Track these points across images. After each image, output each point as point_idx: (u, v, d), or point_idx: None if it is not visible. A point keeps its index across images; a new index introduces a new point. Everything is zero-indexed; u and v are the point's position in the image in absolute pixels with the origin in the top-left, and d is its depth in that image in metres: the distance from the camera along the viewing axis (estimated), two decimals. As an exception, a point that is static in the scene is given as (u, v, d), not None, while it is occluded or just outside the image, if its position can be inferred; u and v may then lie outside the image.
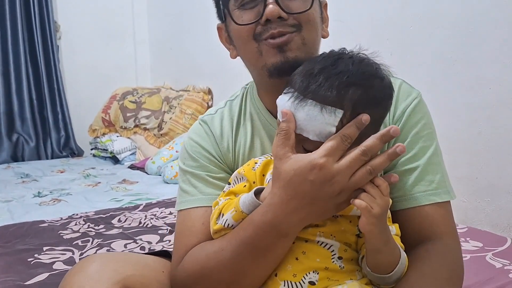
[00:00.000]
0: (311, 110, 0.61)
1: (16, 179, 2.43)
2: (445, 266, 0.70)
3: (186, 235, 0.77)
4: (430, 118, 0.81)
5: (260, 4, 0.70)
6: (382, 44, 1.84)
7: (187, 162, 0.82)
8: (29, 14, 3.12)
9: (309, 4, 0.72)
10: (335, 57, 0.65)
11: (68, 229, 1.56)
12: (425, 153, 0.76)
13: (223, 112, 0.85)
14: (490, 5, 1.49)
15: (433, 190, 0.74)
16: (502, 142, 1.50)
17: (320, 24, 0.76)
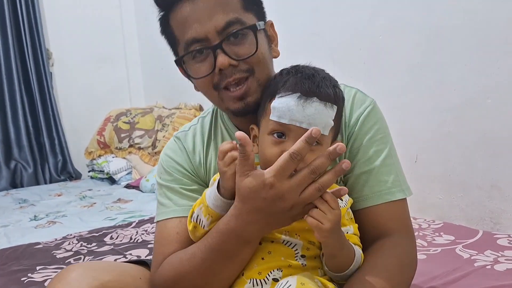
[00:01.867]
0: (319, 106, 0.69)
1: (14, 205, 2.50)
2: (396, 257, 0.76)
3: (162, 244, 0.84)
4: (384, 123, 0.87)
5: (210, 55, 0.75)
6: (356, 53, 1.93)
7: (162, 176, 0.89)
8: (21, 43, 3.22)
9: (254, 46, 0.76)
10: (306, 67, 0.76)
11: (61, 249, 1.62)
12: (379, 156, 0.82)
13: (195, 129, 0.92)
14: (449, 12, 1.58)
15: (387, 190, 0.81)
16: (470, 140, 1.57)
17: (269, 54, 0.82)
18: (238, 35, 0.76)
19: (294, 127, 0.69)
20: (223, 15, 0.74)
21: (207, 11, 0.74)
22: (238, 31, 0.75)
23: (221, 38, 0.75)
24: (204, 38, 0.75)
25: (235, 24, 0.75)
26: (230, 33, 0.75)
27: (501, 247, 1.30)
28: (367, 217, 0.80)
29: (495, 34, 1.46)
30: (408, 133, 1.77)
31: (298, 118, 0.68)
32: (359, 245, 0.74)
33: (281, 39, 2.40)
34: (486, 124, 1.52)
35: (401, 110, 1.79)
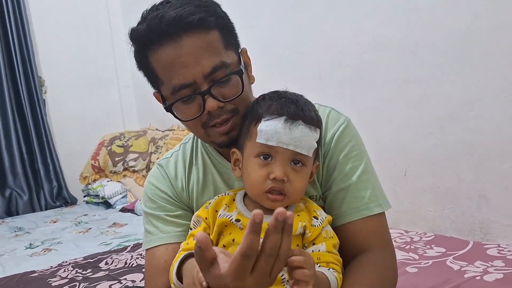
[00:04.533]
0: (305, 130, 0.72)
1: (10, 233, 2.50)
2: (375, 272, 0.78)
3: (152, 274, 0.86)
4: (358, 140, 0.88)
5: (198, 98, 0.77)
6: (342, 70, 1.97)
7: (147, 204, 0.91)
8: (14, 71, 3.25)
9: (240, 88, 0.78)
10: (287, 92, 0.79)
11: (56, 277, 1.63)
12: (355, 172, 0.84)
13: (177, 155, 0.94)
14: (428, 28, 1.62)
15: (365, 205, 0.82)
16: (456, 151, 1.60)
17: (250, 88, 0.85)
18: (225, 79, 0.78)
19: (281, 149, 0.71)
20: (208, 59, 0.75)
21: (193, 56, 0.75)
22: (224, 77, 0.76)
23: (208, 82, 0.76)
24: (192, 83, 0.76)
25: (221, 68, 0.76)
26: (217, 80, 0.76)
27: (490, 258, 1.32)
28: (347, 233, 0.82)
29: (473, 48, 1.50)
30: (396, 146, 1.80)
31: (285, 141, 0.71)
32: (334, 262, 0.74)
33: (270, 58, 2.46)
34: (471, 136, 1.55)
35: (388, 124, 1.82)
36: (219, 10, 0.81)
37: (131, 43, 0.80)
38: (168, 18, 0.74)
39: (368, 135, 1.87)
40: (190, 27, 0.74)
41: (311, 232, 0.75)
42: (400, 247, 1.51)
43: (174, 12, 0.74)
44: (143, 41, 0.78)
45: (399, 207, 1.82)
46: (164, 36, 0.75)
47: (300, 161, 0.73)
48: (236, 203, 0.77)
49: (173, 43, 0.75)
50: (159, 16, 0.74)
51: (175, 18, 0.74)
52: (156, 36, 0.75)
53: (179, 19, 0.74)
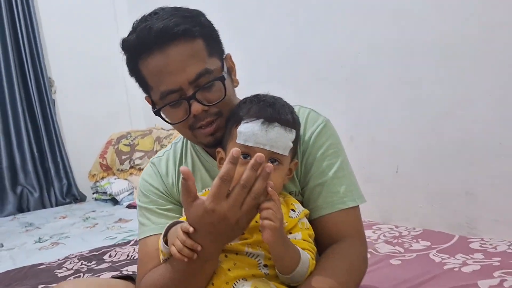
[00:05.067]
0: (280, 131, 0.78)
1: (20, 229, 2.61)
2: (344, 260, 0.84)
3: (144, 261, 0.93)
4: (335, 139, 0.95)
5: (185, 103, 0.83)
6: (338, 71, 2.04)
7: (141, 199, 0.99)
8: (24, 73, 3.37)
9: (223, 93, 0.84)
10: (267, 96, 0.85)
11: (63, 268, 1.72)
12: (331, 169, 0.91)
13: (169, 154, 1.02)
14: (419, 31, 1.68)
15: (339, 199, 0.89)
16: (446, 150, 1.65)
17: (233, 92, 0.92)
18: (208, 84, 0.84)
19: (259, 149, 0.78)
20: (193, 67, 0.82)
21: (179, 64, 0.81)
22: (208, 83, 0.83)
23: (194, 88, 0.82)
24: (178, 89, 0.82)
25: (205, 74, 0.82)
26: (202, 86, 0.83)
27: (472, 251, 1.37)
28: (322, 225, 0.89)
29: (463, 51, 1.55)
30: (389, 145, 1.86)
31: (262, 141, 0.78)
32: (309, 249, 0.82)
33: (270, 59, 2.54)
34: (459, 135, 1.60)
35: (382, 124, 1.88)
36: (203, 20, 0.88)
37: (123, 52, 0.87)
38: (155, 29, 0.81)
39: (363, 134, 1.96)
40: (176, 37, 0.81)
41: (288, 222, 0.82)
42: (388, 241, 1.57)
43: (161, 24, 0.81)
44: (133, 51, 0.85)
45: (391, 204, 1.88)
46: (152, 46, 0.81)
47: (277, 159, 0.80)
48: None
49: (161, 52, 0.81)
50: (147, 27, 0.81)
51: (162, 29, 0.80)
52: (145, 46, 0.82)
53: (166, 30, 0.80)
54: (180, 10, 0.85)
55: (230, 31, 2.66)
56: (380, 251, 1.48)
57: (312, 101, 2.27)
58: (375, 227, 1.75)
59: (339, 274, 0.81)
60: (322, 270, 0.81)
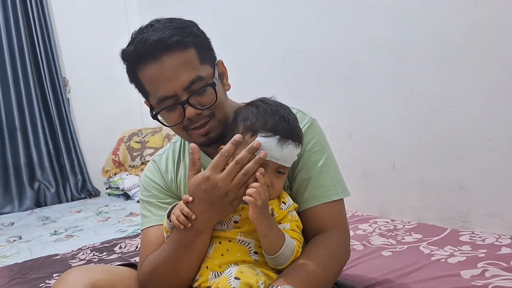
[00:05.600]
0: (292, 148, 0.87)
1: (38, 222, 2.74)
2: (326, 248, 0.93)
3: (145, 248, 1.03)
4: (321, 137, 1.03)
5: (179, 107, 0.91)
6: (336, 69, 2.10)
7: (143, 193, 1.08)
8: (40, 73, 3.50)
9: (214, 97, 0.92)
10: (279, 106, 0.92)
11: (76, 259, 1.83)
12: (316, 165, 0.99)
13: (168, 152, 1.11)
14: (411, 29, 1.73)
15: (323, 193, 0.97)
16: (439, 146, 1.71)
17: (224, 95, 0.99)
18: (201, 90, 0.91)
19: (271, 162, 0.86)
20: (186, 74, 0.89)
21: (173, 72, 0.89)
22: (200, 88, 0.91)
23: (187, 93, 0.90)
24: (173, 95, 0.90)
25: (197, 81, 0.90)
26: (194, 91, 0.90)
27: (460, 243, 1.43)
28: (308, 217, 0.97)
29: (452, 49, 1.60)
30: (386, 142, 1.92)
31: (276, 157, 0.86)
32: (296, 238, 0.90)
33: (271, 57, 2.61)
34: (451, 131, 1.65)
35: (378, 121, 1.94)
36: (195, 30, 0.96)
37: (122, 61, 0.96)
38: (151, 41, 0.88)
39: (360, 131, 2.02)
40: (170, 48, 0.89)
41: (278, 213, 0.90)
42: (382, 234, 1.64)
43: (156, 36, 0.88)
44: (132, 61, 0.93)
45: (388, 198, 1.95)
46: (148, 56, 0.89)
47: (283, 171, 0.90)
48: None
49: (156, 62, 0.89)
50: (143, 40, 0.89)
51: (157, 41, 0.88)
52: (142, 57, 0.90)
53: (160, 42, 0.88)
54: (174, 22, 0.93)
55: (231, 30, 2.74)
56: (374, 243, 1.55)
57: (311, 99, 2.36)
58: (371, 221, 1.82)
59: (320, 261, 0.89)
60: (305, 257, 0.89)
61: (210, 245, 0.92)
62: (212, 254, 0.91)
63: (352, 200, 2.06)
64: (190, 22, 0.96)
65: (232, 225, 0.91)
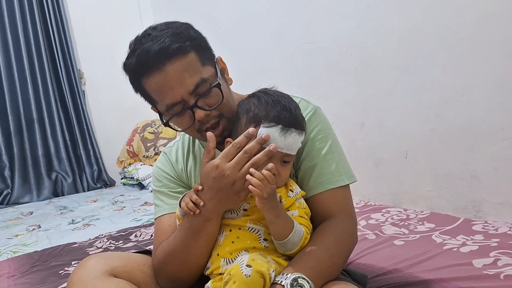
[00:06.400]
0: (296, 136, 0.88)
1: (56, 212, 2.81)
2: (333, 235, 0.93)
3: (158, 235, 1.05)
4: (325, 125, 1.03)
5: (189, 111, 0.92)
6: (347, 59, 2.09)
7: (155, 183, 1.11)
8: (56, 66, 3.57)
9: (221, 96, 0.93)
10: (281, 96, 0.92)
11: (93, 247, 1.88)
12: (320, 152, 0.99)
13: (178, 144, 1.13)
14: (422, 18, 1.71)
15: (328, 180, 0.98)
16: (451, 135, 1.70)
17: (229, 92, 0.99)
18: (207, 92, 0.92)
19: (276, 152, 0.87)
20: (190, 79, 0.90)
21: (177, 79, 0.89)
22: (205, 91, 0.91)
23: (194, 97, 0.91)
24: (181, 100, 0.91)
25: (202, 83, 0.91)
26: (201, 94, 0.91)
27: (473, 232, 1.43)
28: (315, 203, 0.98)
29: (463, 38, 1.59)
30: (398, 131, 1.91)
31: (280, 145, 0.86)
32: (304, 225, 0.91)
33: (282, 48, 2.61)
34: (463, 120, 1.64)
35: (390, 110, 1.93)
36: (192, 33, 0.94)
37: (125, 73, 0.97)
38: (153, 52, 0.88)
39: (372, 121, 2.02)
40: (171, 56, 0.89)
41: (286, 201, 0.92)
42: (394, 223, 1.64)
43: (157, 46, 0.88)
44: (135, 72, 0.93)
45: (400, 188, 1.95)
46: (152, 67, 0.89)
47: (289, 159, 0.91)
48: None
49: (160, 71, 0.89)
50: (145, 51, 0.89)
51: (159, 51, 0.88)
52: (145, 68, 0.90)
53: (162, 51, 0.88)
54: (170, 27, 0.93)
55: (243, 22, 2.75)
56: (386, 232, 1.56)
57: (322, 90, 2.36)
58: (384, 210, 1.83)
59: (328, 248, 0.91)
60: (313, 244, 0.91)
61: (221, 233, 0.94)
62: (222, 241, 0.93)
63: (364, 189, 2.10)
64: (186, 25, 0.96)
65: (241, 213, 0.93)
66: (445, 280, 1.11)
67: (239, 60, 2.85)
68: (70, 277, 0.97)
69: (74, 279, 0.95)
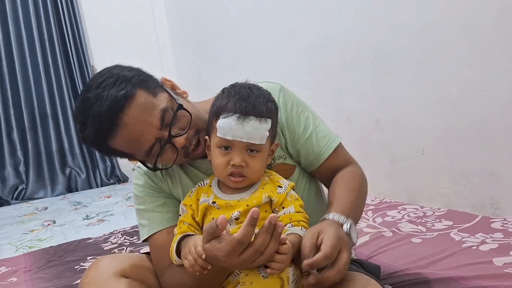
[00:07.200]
0: (255, 124, 0.84)
1: (70, 207, 2.83)
2: (355, 180, 1.01)
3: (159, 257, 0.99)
4: (296, 97, 1.04)
5: (168, 144, 0.89)
6: (363, 54, 2.07)
7: (136, 201, 1.06)
8: (69, 62, 3.59)
9: (187, 114, 0.91)
10: (242, 87, 0.89)
11: (108, 242, 1.89)
12: (309, 121, 1.02)
13: None
14: (441, 12, 1.68)
15: (327, 145, 1.02)
16: (469, 131, 1.67)
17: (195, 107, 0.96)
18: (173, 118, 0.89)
19: (237, 142, 0.83)
20: (152, 116, 0.87)
21: (140, 123, 0.86)
22: (173, 119, 0.89)
23: (165, 130, 0.88)
24: (155, 140, 0.88)
25: (165, 113, 0.88)
26: (170, 124, 0.88)
27: (492, 230, 1.41)
28: (326, 167, 1.03)
29: (482, 32, 1.55)
30: (415, 127, 1.89)
31: (239, 135, 0.83)
32: (303, 220, 0.87)
33: (297, 43, 2.58)
34: (482, 116, 1.61)
35: (406, 106, 1.90)
36: (126, 73, 0.90)
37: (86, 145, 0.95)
38: (104, 113, 0.85)
39: (388, 116, 1.99)
40: (122, 106, 0.85)
41: (277, 198, 0.88)
42: (411, 220, 1.62)
43: (103, 105, 0.85)
44: (98, 140, 0.89)
45: (416, 184, 1.92)
46: (111, 127, 0.86)
47: (255, 149, 0.86)
48: (212, 188, 0.91)
49: (121, 126, 0.86)
50: (96, 116, 0.85)
51: (109, 110, 0.85)
52: (105, 131, 0.87)
53: (111, 108, 0.85)
54: (102, 81, 0.88)
55: (256, 16, 2.73)
56: (403, 230, 1.54)
57: (337, 85, 2.33)
58: (400, 207, 1.81)
59: (356, 192, 0.97)
60: (344, 191, 0.96)
61: None
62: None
63: (379, 186, 2.08)
64: (115, 69, 0.91)
65: (234, 222, 0.87)
66: (465, 278, 1.09)
67: (253, 55, 2.83)
68: (82, 278, 0.97)
69: (86, 280, 0.95)
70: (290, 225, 0.85)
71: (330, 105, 2.26)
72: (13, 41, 3.41)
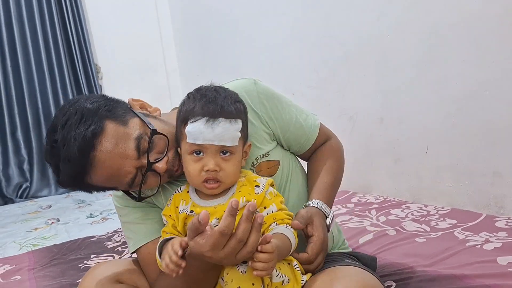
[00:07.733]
0: (226, 125, 0.81)
1: (74, 205, 2.84)
2: (333, 157, 1.07)
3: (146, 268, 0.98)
4: (270, 88, 1.02)
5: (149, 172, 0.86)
6: (367, 52, 2.06)
7: (119, 212, 1.04)
8: (73, 61, 3.59)
9: (164, 137, 0.87)
10: (208, 90, 0.87)
11: (112, 240, 1.89)
12: (290, 108, 1.02)
13: None
14: (445, 12, 1.67)
15: (310, 128, 1.05)
16: (472, 130, 1.67)
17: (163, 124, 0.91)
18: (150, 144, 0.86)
19: (208, 145, 0.81)
20: (126, 147, 0.84)
21: (116, 156, 0.83)
22: (149, 145, 0.85)
23: (143, 157, 0.85)
24: (136, 171, 0.85)
25: (140, 141, 0.85)
26: (146, 151, 0.85)
27: (496, 229, 1.41)
28: (315, 145, 1.07)
29: (487, 31, 1.54)
30: (418, 126, 1.88)
31: (210, 138, 0.80)
32: (287, 217, 0.85)
33: (301, 42, 2.58)
34: (486, 115, 1.60)
35: (410, 105, 1.90)
36: (89, 105, 0.85)
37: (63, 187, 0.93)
38: (74, 155, 0.81)
39: (392, 115, 1.99)
40: (93, 144, 0.82)
41: (256, 199, 0.85)
42: (415, 219, 1.62)
43: (73, 146, 0.81)
44: (76, 182, 0.86)
45: (420, 184, 1.92)
46: (85, 168, 0.83)
47: (228, 151, 0.83)
48: (190, 193, 0.88)
49: (96, 164, 0.83)
50: (68, 159, 0.82)
51: (80, 151, 0.81)
52: (81, 173, 0.83)
53: (83, 150, 0.81)
54: (67, 119, 0.84)
55: (260, 15, 2.72)
56: (407, 229, 1.54)
57: (341, 83, 2.33)
58: (403, 206, 1.80)
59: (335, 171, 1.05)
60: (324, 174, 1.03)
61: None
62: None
63: (383, 185, 2.07)
64: (78, 103, 0.87)
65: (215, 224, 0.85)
66: (469, 277, 1.09)
67: (257, 54, 2.83)
68: (78, 286, 0.97)
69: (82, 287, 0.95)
70: (275, 224, 0.84)
71: (334, 104, 2.26)
72: (17, 40, 3.41)
